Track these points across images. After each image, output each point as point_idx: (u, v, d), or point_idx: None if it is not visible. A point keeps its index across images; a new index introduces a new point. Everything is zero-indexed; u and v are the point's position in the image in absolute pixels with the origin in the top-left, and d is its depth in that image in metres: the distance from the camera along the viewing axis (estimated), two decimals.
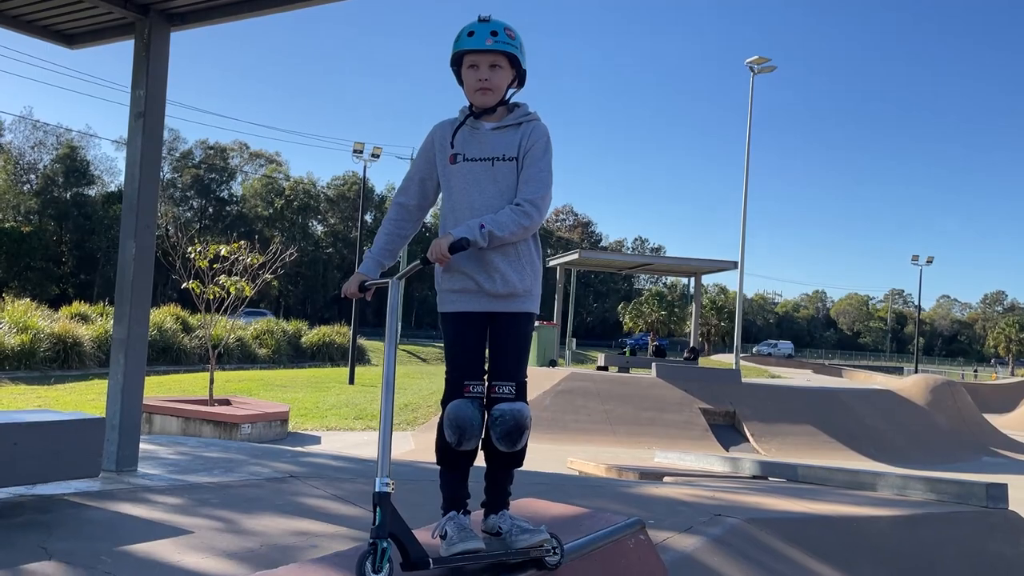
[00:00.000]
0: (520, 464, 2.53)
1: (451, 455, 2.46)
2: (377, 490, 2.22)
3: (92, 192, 60.29)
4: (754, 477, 7.98)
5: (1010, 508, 5.69)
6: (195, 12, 5.28)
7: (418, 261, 2.46)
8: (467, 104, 2.57)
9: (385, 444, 2.32)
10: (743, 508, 5.28)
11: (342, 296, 2.61)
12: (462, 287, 2.49)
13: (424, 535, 2.45)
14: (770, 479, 7.86)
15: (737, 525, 4.64)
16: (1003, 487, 5.64)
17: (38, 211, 57.14)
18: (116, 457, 5.15)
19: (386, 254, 2.61)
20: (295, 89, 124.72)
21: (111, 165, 67.23)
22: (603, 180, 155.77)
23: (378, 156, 28.78)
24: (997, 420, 25.83)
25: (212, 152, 69.30)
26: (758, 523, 4.78)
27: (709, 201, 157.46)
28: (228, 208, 70.08)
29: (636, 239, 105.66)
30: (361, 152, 28.71)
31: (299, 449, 9.21)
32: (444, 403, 2.48)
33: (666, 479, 7.70)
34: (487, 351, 2.55)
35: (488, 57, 2.46)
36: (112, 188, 63.14)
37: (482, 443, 2.47)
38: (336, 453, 8.89)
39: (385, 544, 2.17)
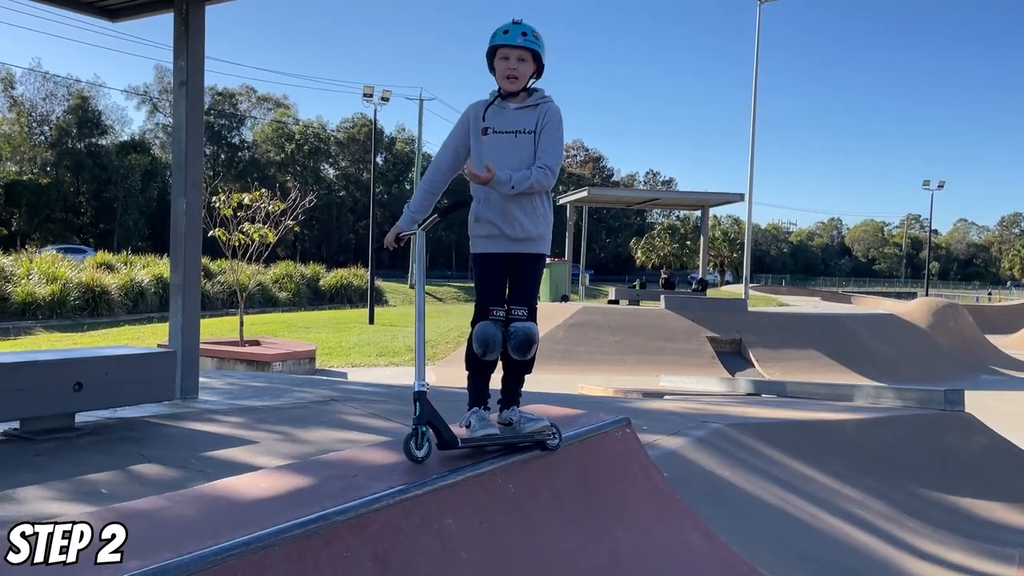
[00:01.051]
0: (530, 370, 3.24)
1: (477, 363, 3.17)
2: (416, 389, 2.93)
3: (105, 142, 60.78)
4: (748, 395, 8.72)
5: (966, 411, 6.41)
6: None
7: (435, 215, 3.17)
8: (497, 88, 3.20)
9: (420, 356, 3.02)
10: (728, 416, 6.01)
11: (384, 247, 3.27)
12: (488, 233, 3.16)
13: (454, 429, 3.18)
14: (762, 395, 8.60)
15: (719, 428, 5.38)
16: (959, 392, 6.34)
17: (54, 163, 57.79)
18: (180, 386, 5.93)
19: (421, 210, 3.26)
20: (299, 32, 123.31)
21: (122, 115, 67.69)
22: (613, 114, 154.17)
23: (387, 99, 29.10)
24: (1001, 340, 26.47)
25: (220, 98, 69.30)
26: (738, 427, 5.52)
27: (722, 133, 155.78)
28: (240, 154, 70.47)
29: (648, 172, 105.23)
30: (371, 96, 29.05)
31: (334, 379, 10.03)
32: (473, 324, 3.18)
33: (666, 397, 8.45)
34: (507, 283, 3.25)
35: (517, 52, 3.10)
36: (124, 137, 63.62)
37: (501, 354, 3.18)
38: (368, 381, 9.71)
39: (424, 429, 2.90)
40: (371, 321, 25.37)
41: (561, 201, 26.18)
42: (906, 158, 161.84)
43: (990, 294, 72.24)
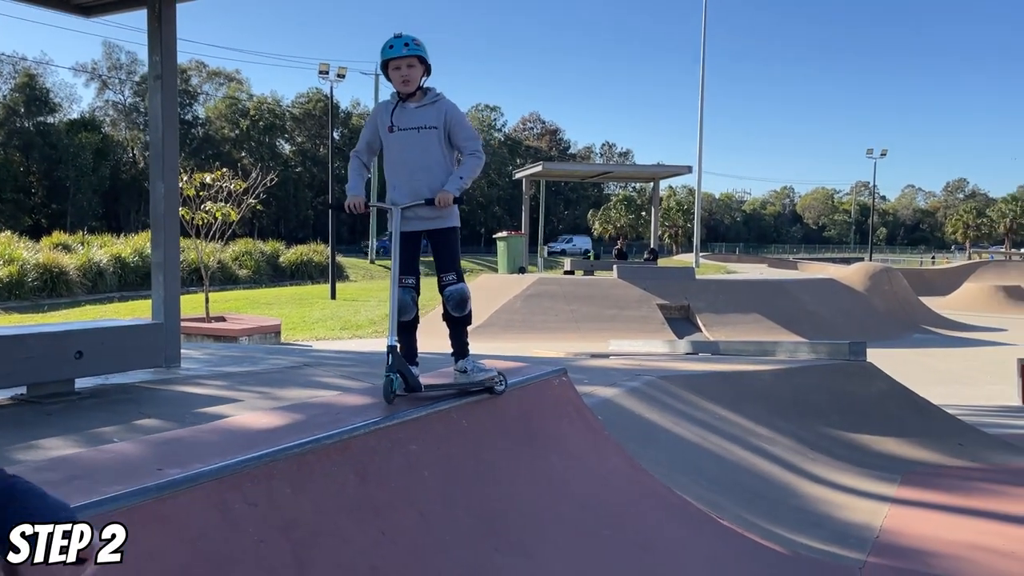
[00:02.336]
0: (469, 323, 3.86)
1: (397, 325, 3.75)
2: (389, 344, 3.57)
3: (54, 120, 59.62)
4: (686, 353, 9.52)
5: (868, 360, 7.26)
6: None
7: (423, 201, 3.71)
8: (396, 92, 3.77)
9: (393, 316, 3.64)
10: (661, 371, 6.77)
11: (348, 209, 3.78)
12: (403, 215, 3.71)
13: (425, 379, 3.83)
14: (699, 354, 9.40)
15: (651, 380, 6.12)
16: (862, 344, 7.19)
17: (2, 143, 56.59)
18: (164, 355, 6.48)
19: (362, 190, 3.84)
20: (248, 5, 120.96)
21: (71, 92, 66.21)
22: (570, 86, 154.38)
23: (343, 76, 29.29)
24: (937, 301, 27.88)
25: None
26: (668, 378, 6.27)
27: (677, 103, 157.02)
28: (193, 131, 69.53)
29: (604, 144, 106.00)
30: (327, 73, 29.20)
31: (303, 347, 10.61)
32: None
33: (611, 358, 9.21)
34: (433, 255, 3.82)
35: (406, 60, 3.68)
36: (74, 115, 62.41)
37: (443, 314, 3.81)
38: (335, 349, 10.30)
39: (396, 376, 3.53)
40: (333, 296, 25.84)
41: (517, 176, 26.78)
42: (857, 126, 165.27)
43: (934, 258, 74.82)
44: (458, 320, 3.80)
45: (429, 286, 3.89)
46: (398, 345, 3.58)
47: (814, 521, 4.49)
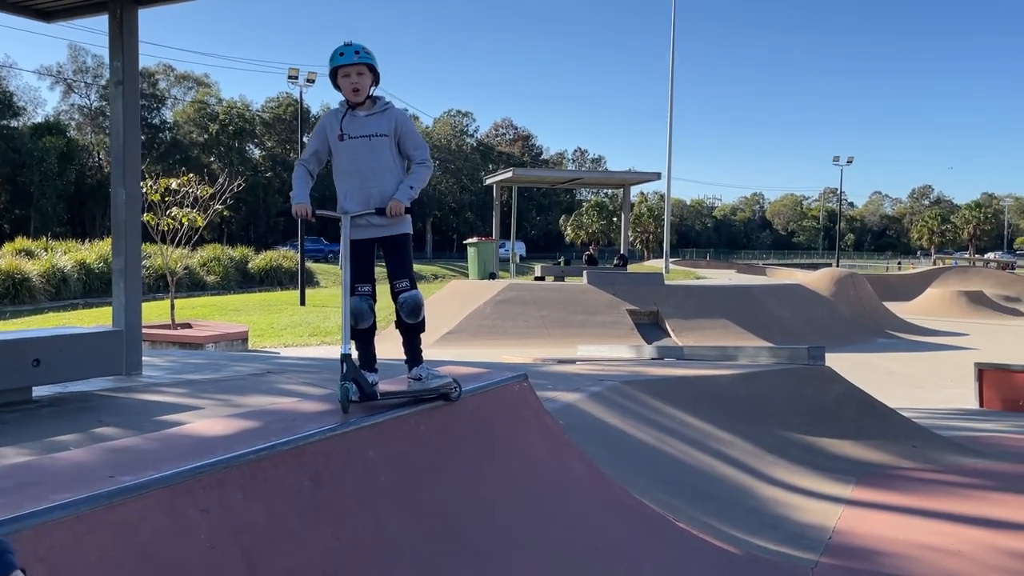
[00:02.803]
0: (423, 330, 3.85)
1: (355, 332, 3.73)
2: (343, 352, 3.57)
3: (18, 124, 58.64)
4: (651, 359, 9.62)
5: (828, 364, 7.40)
6: None
7: (373, 210, 3.75)
8: (345, 100, 3.78)
9: (346, 325, 3.66)
10: (625, 376, 6.84)
11: (295, 215, 3.75)
12: (355, 223, 3.71)
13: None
14: (664, 359, 9.50)
15: (613, 385, 6.19)
16: (820, 349, 7.33)
17: None
18: (125, 364, 6.43)
19: (308, 198, 3.78)
20: (216, 9, 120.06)
21: (34, 95, 65.14)
22: (543, 92, 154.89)
23: (313, 81, 29.19)
24: (901, 306, 28.38)
25: (139, 76, 67.45)
26: (630, 383, 6.34)
27: (648, 110, 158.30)
28: (161, 135, 68.80)
29: (577, 150, 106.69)
30: (296, 78, 29.09)
31: (270, 354, 10.55)
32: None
33: (578, 363, 9.28)
34: (387, 262, 3.83)
35: (356, 68, 3.69)
36: (38, 119, 61.45)
37: (396, 322, 3.81)
38: (302, 356, 10.26)
39: (351, 384, 3.54)
40: (302, 302, 25.68)
41: (488, 181, 26.84)
42: (826, 134, 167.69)
43: (900, 264, 76.08)
44: (411, 327, 3.80)
45: (384, 292, 3.90)
46: (352, 353, 3.58)
47: (769, 522, 4.58)
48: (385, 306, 3.89)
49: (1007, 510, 5.15)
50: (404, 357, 3.91)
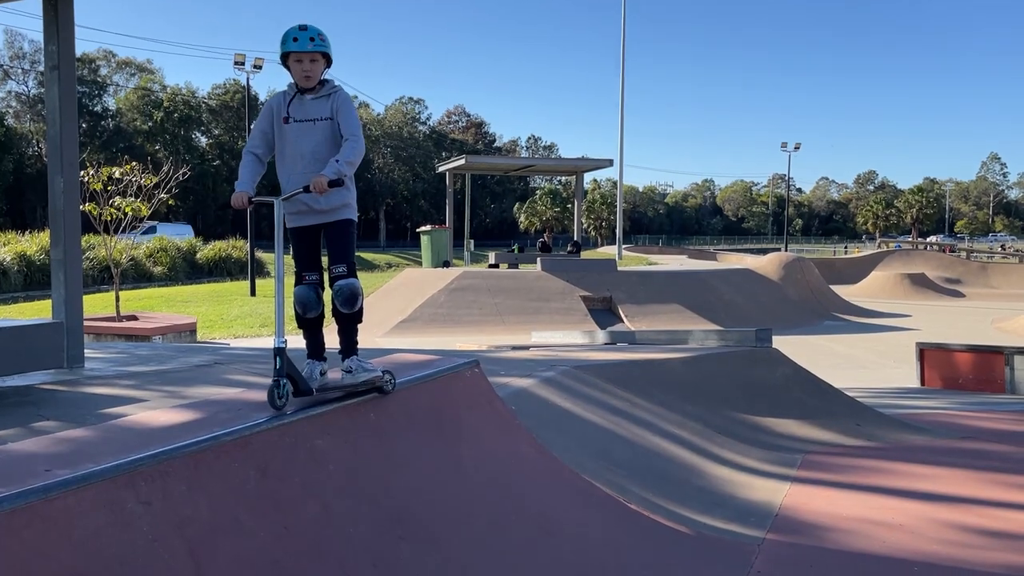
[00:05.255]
0: (360, 320, 3.73)
1: (302, 321, 3.71)
2: (276, 346, 3.42)
3: None
4: (604, 344, 9.70)
5: (775, 347, 7.55)
6: None
7: (301, 188, 3.66)
8: (293, 83, 3.70)
9: (280, 316, 3.55)
10: (577, 361, 6.88)
11: (233, 205, 3.64)
12: (297, 210, 3.65)
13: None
14: (616, 344, 9.59)
15: (565, 369, 6.22)
16: (768, 331, 7.48)
17: None
18: (67, 356, 6.26)
19: (251, 186, 3.69)
20: None
21: None
22: (495, 80, 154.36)
23: (260, 67, 28.64)
24: (847, 289, 29.07)
25: (79, 63, 65.43)
26: (582, 368, 6.39)
27: (601, 98, 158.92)
28: (104, 123, 66.92)
29: (530, 137, 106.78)
30: (243, 64, 28.49)
31: (219, 345, 10.37)
32: (294, 288, 3.73)
33: (531, 349, 9.31)
34: (325, 249, 3.77)
35: (309, 55, 3.62)
36: None
37: (332, 310, 3.70)
38: (252, 346, 10.11)
39: (284, 381, 3.40)
40: (252, 293, 25.30)
41: (440, 169, 26.70)
42: (775, 121, 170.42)
43: (846, 248, 77.89)
44: (347, 317, 3.67)
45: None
46: (285, 345, 3.44)
47: (718, 501, 4.66)
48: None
49: (945, 484, 5.32)
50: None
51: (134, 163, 15.97)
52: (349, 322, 3.71)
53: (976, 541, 4.19)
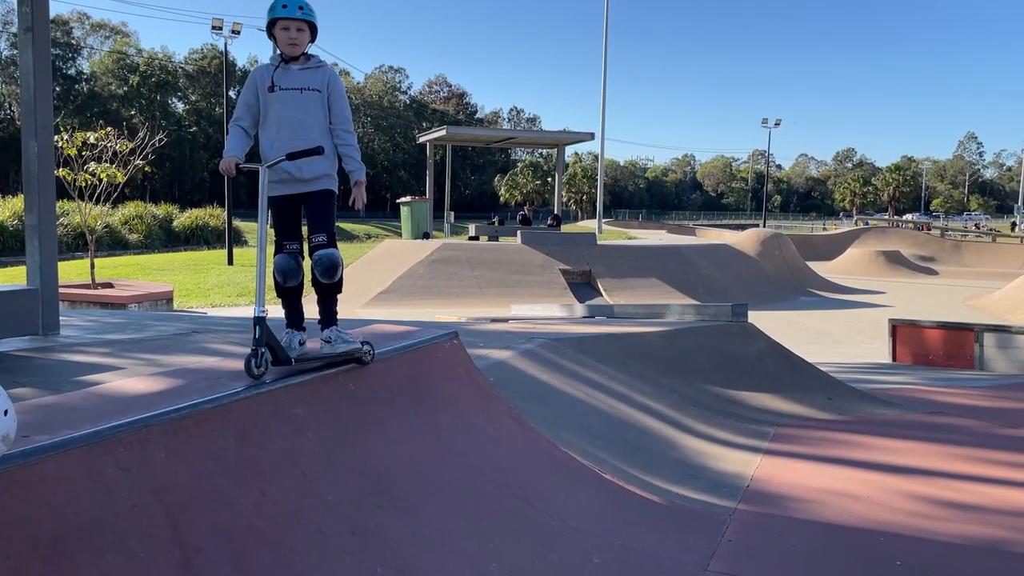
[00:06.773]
0: (340, 291, 3.75)
1: (282, 290, 3.71)
2: (256, 315, 3.40)
3: None
4: (583, 317, 9.76)
5: (750, 321, 7.65)
6: None
7: (283, 156, 3.64)
8: (279, 53, 3.70)
9: (261, 284, 3.55)
10: (555, 334, 6.93)
11: (222, 171, 3.65)
12: (280, 179, 3.63)
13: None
14: (595, 317, 9.66)
15: (543, 342, 6.27)
16: (744, 306, 7.57)
17: None
18: (41, 323, 6.21)
19: (241, 153, 3.67)
20: None
21: None
22: (477, 50, 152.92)
23: (239, 32, 28.16)
24: (823, 266, 29.37)
25: (53, 25, 64.06)
26: (560, 341, 6.44)
27: (583, 70, 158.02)
28: (78, 87, 65.64)
29: (512, 109, 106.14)
30: (220, 28, 28.01)
31: (196, 314, 10.31)
32: (274, 257, 3.74)
33: (510, 322, 9.35)
34: (306, 217, 3.78)
35: (296, 23, 3.62)
36: None
37: (311, 280, 3.72)
38: (229, 315, 10.06)
39: (263, 350, 3.40)
40: (230, 262, 25.11)
41: (421, 139, 26.51)
42: (756, 97, 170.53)
43: (824, 225, 78.47)
44: (327, 287, 3.68)
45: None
46: (266, 314, 3.43)
47: (691, 472, 4.75)
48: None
49: (913, 457, 5.45)
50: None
51: (109, 128, 15.73)
52: (329, 292, 3.72)
53: (940, 512, 4.31)
